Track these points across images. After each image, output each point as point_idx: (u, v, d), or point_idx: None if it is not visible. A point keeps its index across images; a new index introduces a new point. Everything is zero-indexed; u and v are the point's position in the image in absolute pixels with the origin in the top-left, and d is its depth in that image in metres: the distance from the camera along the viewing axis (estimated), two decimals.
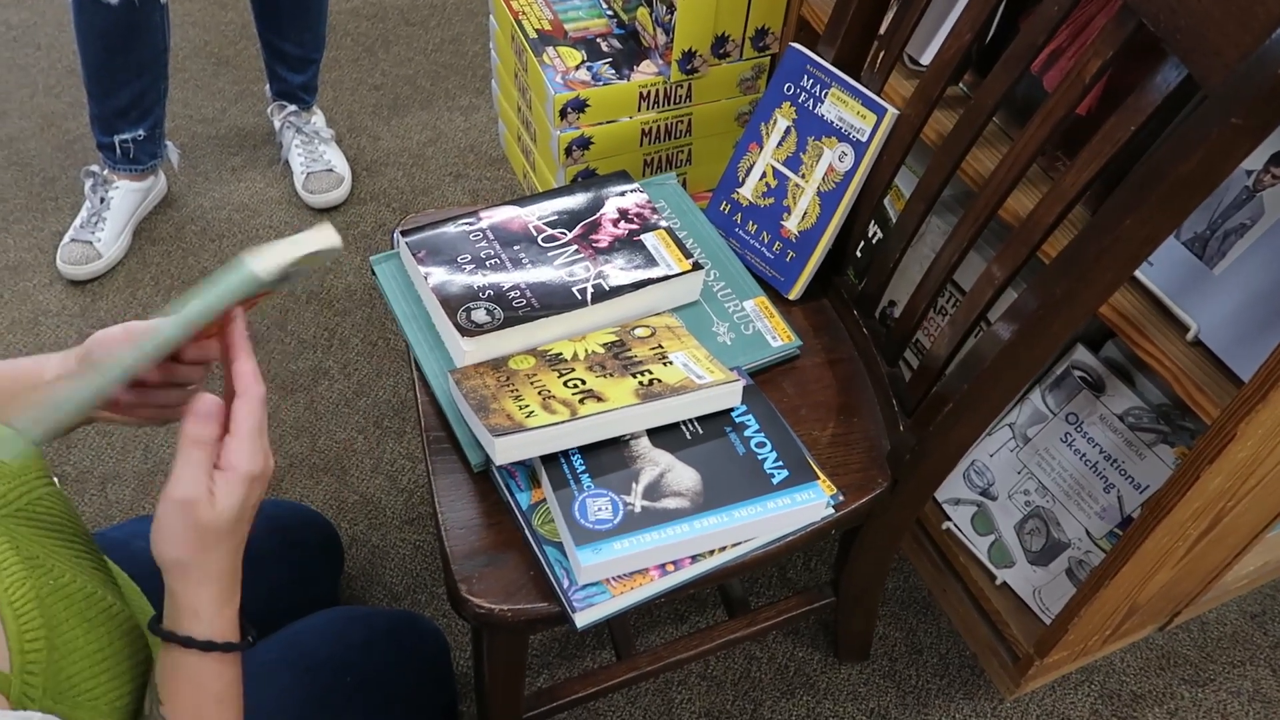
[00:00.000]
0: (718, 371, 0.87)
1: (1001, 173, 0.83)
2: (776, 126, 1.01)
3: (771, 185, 1.02)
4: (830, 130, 0.97)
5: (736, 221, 1.06)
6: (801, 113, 0.99)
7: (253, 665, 0.88)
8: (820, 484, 0.86)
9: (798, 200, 0.99)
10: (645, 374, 0.86)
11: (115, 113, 1.55)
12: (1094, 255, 0.70)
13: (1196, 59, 0.65)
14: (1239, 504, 0.97)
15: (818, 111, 0.98)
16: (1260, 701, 1.24)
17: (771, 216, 1.03)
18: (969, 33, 0.86)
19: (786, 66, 1.00)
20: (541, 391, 0.84)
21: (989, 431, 1.20)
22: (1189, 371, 0.86)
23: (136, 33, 1.47)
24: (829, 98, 0.96)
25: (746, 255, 1.06)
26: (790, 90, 1.00)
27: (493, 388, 0.85)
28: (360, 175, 1.81)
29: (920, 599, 1.31)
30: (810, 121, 0.99)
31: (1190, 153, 0.63)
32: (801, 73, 0.99)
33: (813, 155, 0.98)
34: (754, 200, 1.04)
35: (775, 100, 1.01)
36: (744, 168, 1.05)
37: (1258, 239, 0.84)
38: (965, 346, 0.87)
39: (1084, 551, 1.12)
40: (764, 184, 1.03)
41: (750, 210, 1.04)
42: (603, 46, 1.29)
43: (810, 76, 0.98)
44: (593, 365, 0.87)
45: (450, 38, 2.11)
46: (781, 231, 1.03)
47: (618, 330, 0.93)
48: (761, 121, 1.03)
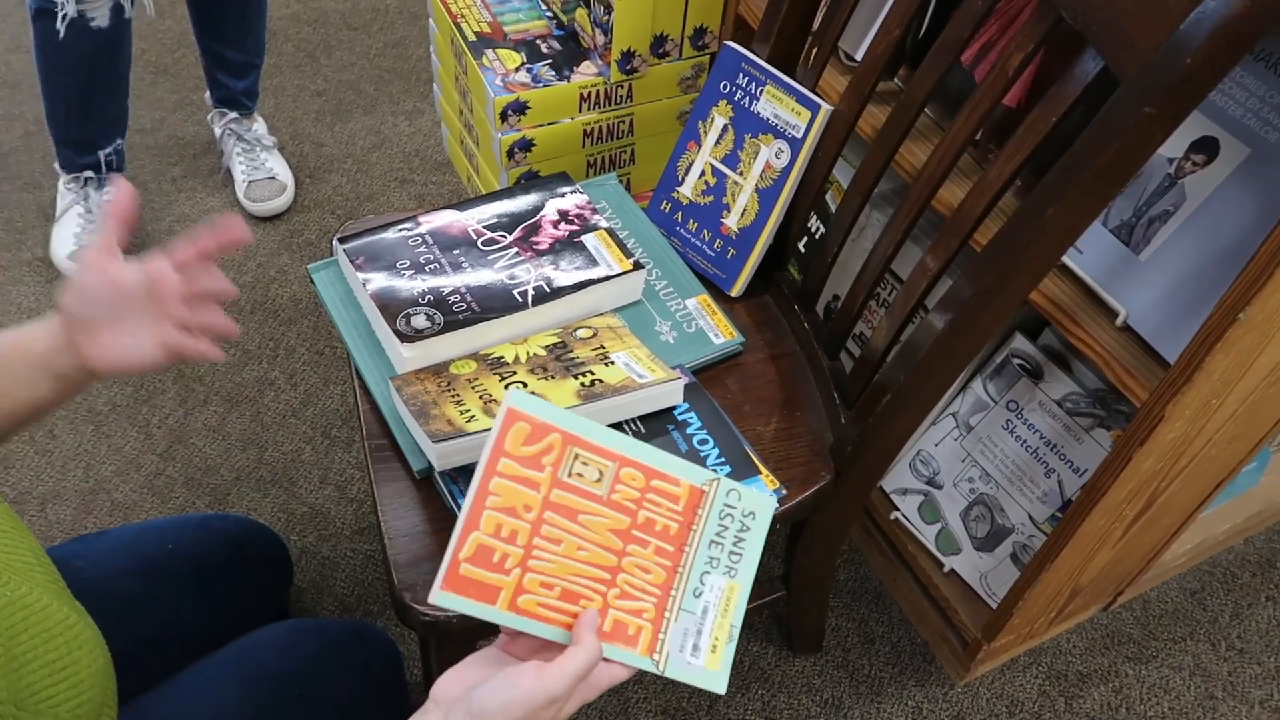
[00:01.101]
0: (659, 370, 0.87)
1: (933, 165, 0.85)
2: (714, 125, 1.02)
3: (710, 183, 1.03)
4: (766, 127, 0.98)
5: (677, 220, 1.07)
6: (738, 110, 1.00)
7: (201, 679, 0.87)
8: (763, 478, 0.87)
9: (736, 198, 1.00)
10: (587, 375, 0.86)
11: (99, 131, 1.55)
12: (1021, 244, 0.72)
13: (1113, 51, 0.67)
14: (1172, 484, 0.99)
15: (754, 109, 0.98)
16: (1201, 675, 1.27)
17: (711, 214, 1.03)
18: (898, 28, 0.87)
19: (722, 65, 1.00)
20: (482, 395, 0.83)
21: (933, 421, 1.22)
22: (1119, 356, 0.88)
23: (119, 47, 1.46)
24: (764, 95, 0.97)
25: (688, 254, 1.07)
26: (726, 88, 1.00)
27: (434, 393, 0.84)
28: (303, 182, 1.79)
29: (871, 589, 1.32)
30: (747, 119, 0.99)
31: (1108, 142, 0.65)
32: (737, 70, 0.99)
33: (750, 152, 0.99)
34: (694, 199, 1.04)
35: (712, 99, 1.02)
36: (683, 166, 1.05)
37: (1180, 225, 0.87)
38: (903, 338, 0.88)
39: (1028, 536, 1.14)
40: (703, 182, 1.03)
41: (690, 208, 1.05)
42: (542, 48, 1.29)
43: (745, 74, 0.99)
44: (534, 368, 0.87)
45: (393, 42, 2.10)
46: (721, 229, 1.04)
47: (559, 332, 0.93)
48: (699, 120, 1.03)
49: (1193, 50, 0.59)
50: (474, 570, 0.61)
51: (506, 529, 0.62)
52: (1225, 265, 0.82)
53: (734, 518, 0.69)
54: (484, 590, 0.61)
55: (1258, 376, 0.87)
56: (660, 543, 0.67)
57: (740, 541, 0.69)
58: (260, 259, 1.66)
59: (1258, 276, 0.73)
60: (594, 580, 0.65)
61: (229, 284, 0.79)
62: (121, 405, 1.46)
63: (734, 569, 0.69)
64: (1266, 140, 0.82)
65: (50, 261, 1.61)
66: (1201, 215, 0.85)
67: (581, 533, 0.65)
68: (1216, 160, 0.84)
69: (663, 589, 0.67)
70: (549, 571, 0.63)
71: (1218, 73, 0.61)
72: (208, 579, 1.01)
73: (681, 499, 0.67)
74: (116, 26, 1.42)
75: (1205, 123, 0.85)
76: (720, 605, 0.68)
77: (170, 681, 0.87)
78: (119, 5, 1.40)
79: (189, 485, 1.37)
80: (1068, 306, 0.92)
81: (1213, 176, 0.85)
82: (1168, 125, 0.64)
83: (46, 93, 1.49)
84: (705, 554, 0.68)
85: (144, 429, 1.43)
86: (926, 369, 0.82)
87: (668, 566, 0.67)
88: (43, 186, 1.74)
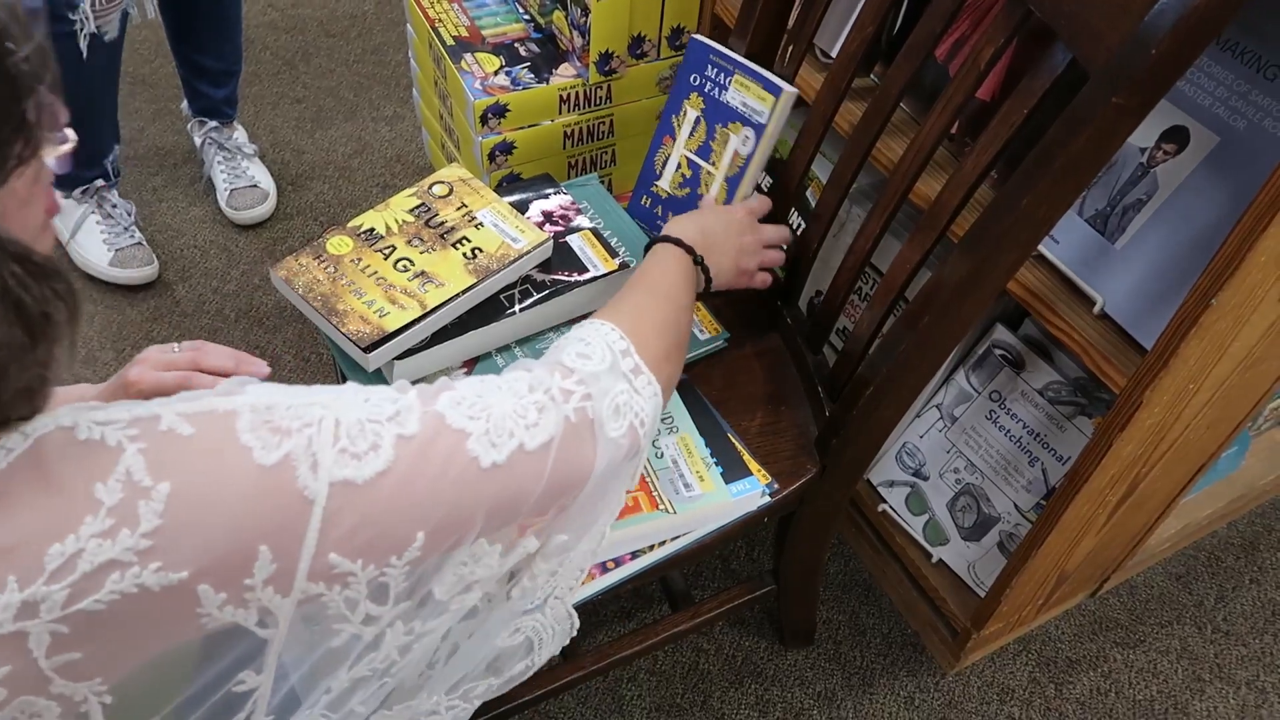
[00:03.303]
0: (526, 230, 0.93)
1: (910, 158, 0.86)
2: (687, 118, 1.03)
3: (687, 175, 1.04)
4: (735, 115, 0.99)
5: (658, 214, 1.07)
6: (709, 102, 1.01)
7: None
8: (755, 475, 0.88)
9: (709, 188, 1.01)
10: (464, 242, 0.91)
11: (103, 140, 1.56)
12: (996, 235, 0.73)
13: (1081, 43, 0.68)
14: (1153, 470, 1.01)
15: (723, 99, 0.99)
16: (1188, 658, 1.29)
17: (689, 206, 1.04)
18: (871, 25, 0.88)
19: (691, 58, 1.01)
20: (379, 281, 0.87)
21: (917, 413, 1.23)
22: (1097, 344, 0.89)
23: (117, 57, 1.47)
24: (732, 84, 0.98)
25: None
26: (696, 81, 1.01)
27: (326, 282, 0.87)
28: (285, 190, 1.79)
29: (861, 581, 1.33)
30: (717, 109, 1.00)
31: (1079, 132, 0.66)
32: (706, 63, 1.00)
33: (720, 142, 1.00)
34: (672, 191, 1.05)
35: (683, 92, 1.03)
36: (660, 161, 1.06)
37: (1154, 213, 0.88)
38: (884, 330, 0.89)
39: (1014, 524, 1.16)
40: (680, 175, 1.04)
41: (670, 201, 1.06)
42: (521, 51, 1.30)
43: (714, 65, 0.99)
44: (410, 238, 0.91)
45: (372, 48, 2.10)
46: None
47: (417, 191, 0.97)
48: (673, 114, 1.04)
49: (1157, 41, 0.60)
50: None
51: None
52: (1198, 252, 0.84)
53: None
54: None
55: (1233, 361, 0.88)
56: None
57: (667, 417, 0.89)
58: (243, 267, 1.66)
59: (1229, 262, 0.74)
60: None
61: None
62: None
63: (674, 428, 0.89)
64: (1235, 128, 0.83)
65: (88, 275, 1.61)
66: (1174, 203, 0.87)
67: None
68: (1187, 149, 0.86)
69: None
70: None
71: (1183, 63, 0.62)
72: None
73: None
74: (122, 34, 1.43)
75: (1175, 112, 0.86)
76: (683, 453, 0.87)
77: None
78: (125, 13, 1.41)
79: None
80: (1046, 296, 0.93)
81: (1184, 165, 0.86)
82: (1136, 115, 0.65)
83: None
84: None
85: None
86: (908, 360, 0.83)
87: None
88: None
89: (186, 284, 1.64)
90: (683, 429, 0.88)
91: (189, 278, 1.64)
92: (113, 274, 1.59)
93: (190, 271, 1.65)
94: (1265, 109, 0.81)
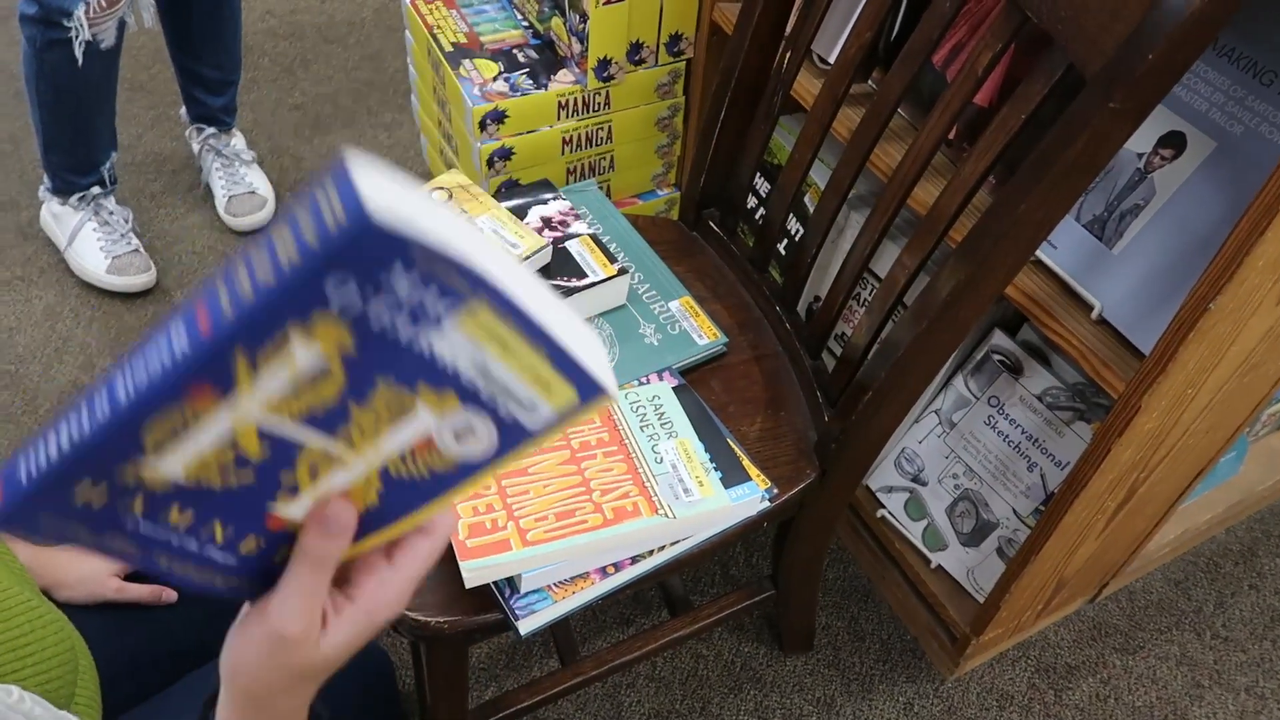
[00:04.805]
0: (526, 236, 0.93)
1: (908, 164, 0.86)
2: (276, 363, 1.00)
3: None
4: (443, 379, 0.75)
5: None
6: (368, 338, 0.78)
7: (194, 691, 0.87)
8: (754, 480, 0.88)
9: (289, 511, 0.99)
10: None
11: (101, 148, 1.55)
12: (994, 240, 0.73)
13: (1077, 48, 0.68)
14: (1151, 475, 1.01)
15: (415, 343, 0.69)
16: (1187, 664, 1.28)
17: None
18: (869, 31, 0.89)
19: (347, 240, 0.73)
20: None
21: (916, 419, 1.23)
22: (1095, 349, 0.89)
23: (114, 64, 1.47)
24: (459, 325, 0.90)
25: None
26: (345, 287, 0.85)
27: None
28: (284, 196, 1.79)
29: (860, 587, 1.33)
30: (388, 357, 0.75)
31: (1076, 137, 0.66)
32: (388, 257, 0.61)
33: (377, 416, 0.93)
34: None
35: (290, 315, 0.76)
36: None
37: (1151, 218, 0.88)
38: (883, 336, 0.89)
39: (1012, 530, 1.16)
40: None
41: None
42: (519, 57, 1.30)
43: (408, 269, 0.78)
44: None
45: (370, 54, 2.10)
46: None
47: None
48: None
49: (1153, 46, 0.60)
50: (478, 540, 0.74)
51: (480, 505, 0.77)
52: (1195, 257, 0.84)
53: (644, 404, 0.88)
54: (497, 546, 0.75)
55: (1231, 365, 0.88)
56: (603, 449, 0.83)
57: (663, 415, 0.88)
58: None
59: (1226, 267, 0.74)
60: (574, 496, 0.78)
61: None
62: None
63: (674, 432, 0.87)
64: (1232, 134, 0.83)
65: (84, 283, 1.61)
66: (1171, 208, 0.87)
67: (538, 478, 0.79)
68: (1184, 154, 0.86)
69: (631, 472, 0.82)
70: (535, 509, 0.77)
71: (1179, 68, 0.63)
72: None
73: (595, 417, 0.84)
74: (119, 42, 1.43)
75: (1172, 118, 0.87)
76: (683, 457, 0.85)
77: (163, 694, 0.87)
78: (122, 21, 1.40)
79: None
80: (1044, 301, 0.93)
81: (1181, 170, 0.86)
82: (1133, 120, 0.65)
83: (49, 121, 1.49)
84: (643, 436, 0.85)
85: None
86: (906, 365, 0.83)
87: (622, 458, 0.83)
88: (20, 206, 1.73)
89: (185, 290, 1.63)
90: (682, 434, 0.88)
91: (187, 284, 1.64)
92: (110, 281, 1.59)
93: (188, 278, 1.65)
94: (1262, 114, 0.82)
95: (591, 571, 0.80)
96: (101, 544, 0.39)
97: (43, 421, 1.44)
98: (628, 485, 0.81)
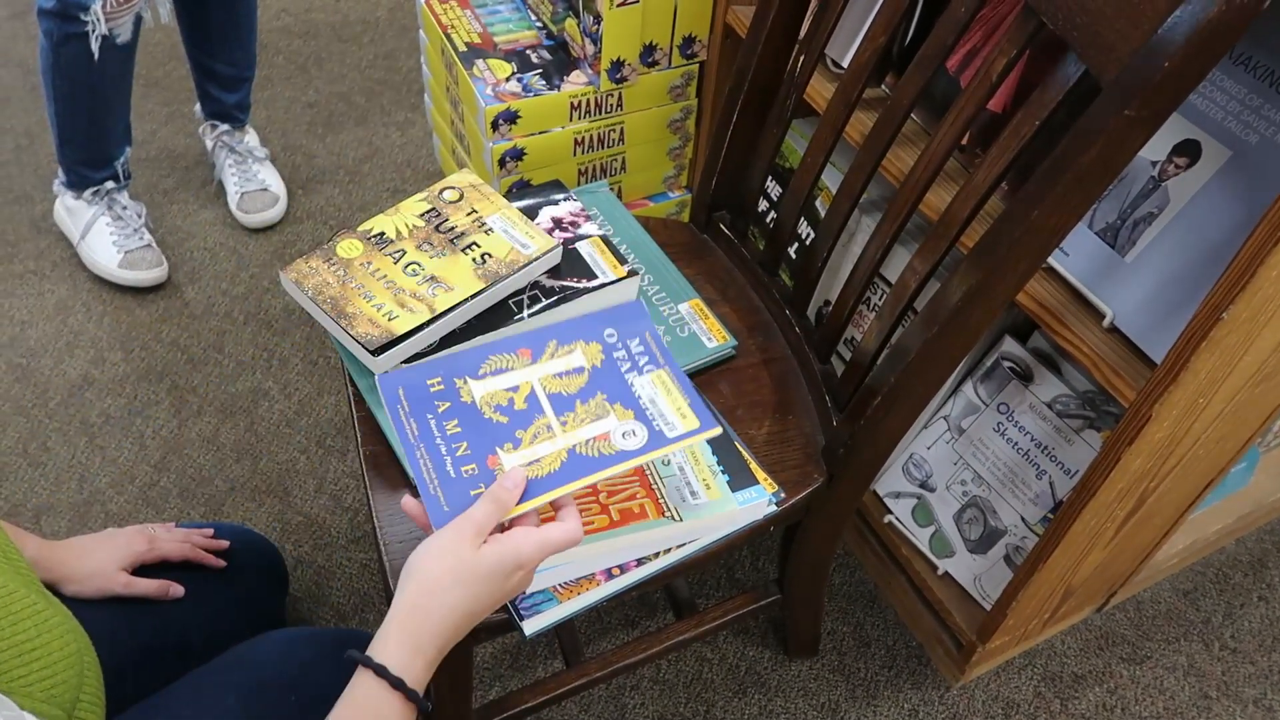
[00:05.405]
0: (537, 236, 0.93)
1: (919, 169, 0.86)
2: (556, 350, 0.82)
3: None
4: (631, 401, 0.78)
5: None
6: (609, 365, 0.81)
7: (198, 688, 0.88)
8: (762, 484, 0.88)
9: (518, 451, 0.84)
10: (473, 247, 0.91)
11: (114, 141, 1.56)
12: (1006, 246, 0.73)
13: (1093, 55, 0.68)
14: (1161, 484, 1.00)
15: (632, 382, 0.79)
16: (1195, 675, 1.28)
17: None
18: (883, 35, 0.89)
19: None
20: (388, 285, 0.88)
21: (924, 425, 1.22)
22: (1106, 357, 0.89)
23: (130, 59, 1.48)
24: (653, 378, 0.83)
25: None
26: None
27: (335, 285, 0.88)
28: (296, 194, 1.79)
29: (866, 593, 1.33)
30: (610, 380, 0.80)
31: (1090, 144, 0.66)
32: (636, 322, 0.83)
33: (590, 408, 0.81)
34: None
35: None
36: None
37: (1165, 226, 0.88)
38: (893, 341, 0.89)
39: (1020, 538, 1.15)
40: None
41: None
42: (532, 58, 1.30)
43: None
44: (420, 243, 0.92)
45: (383, 53, 2.11)
46: None
47: (428, 196, 0.97)
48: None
49: (1170, 54, 0.60)
50: None
51: None
52: (1209, 266, 0.83)
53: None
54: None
55: (1243, 375, 0.88)
56: None
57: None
58: (253, 270, 1.66)
59: (1240, 276, 0.74)
60: (581, 498, 0.77)
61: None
62: (115, 417, 1.46)
63: None
64: (1247, 142, 0.83)
65: (96, 277, 1.62)
66: (1185, 217, 0.87)
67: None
68: (1199, 163, 0.85)
69: (638, 474, 0.82)
70: (542, 510, 0.74)
71: (1196, 76, 0.62)
72: (204, 587, 1.02)
73: None
74: (135, 38, 1.44)
75: (1187, 126, 0.86)
76: (690, 460, 0.84)
77: (167, 690, 0.87)
78: (139, 16, 1.41)
79: (184, 496, 1.37)
80: (1055, 308, 0.92)
81: (1195, 179, 0.86)
82: (1148, 127, 0.65)
83: (64, 116, 1.50)
84: None
85: (138, 440, 1.43)
86: (916, 371, 0.83)
87: None
88: (34, 200, 1.74)
89: (196, 286, 1.64)
90: None
91: (198, 280, 1.65)
92: (122, 275, 1.59)
93: (200, 274, 1.66)
94: (1278, 123, 0.81)
95: (597, 573, 0.80)
96: (408, 419, 0.71)
97: (53, 415, 1.45)
98: (635, 487, 0.81)
